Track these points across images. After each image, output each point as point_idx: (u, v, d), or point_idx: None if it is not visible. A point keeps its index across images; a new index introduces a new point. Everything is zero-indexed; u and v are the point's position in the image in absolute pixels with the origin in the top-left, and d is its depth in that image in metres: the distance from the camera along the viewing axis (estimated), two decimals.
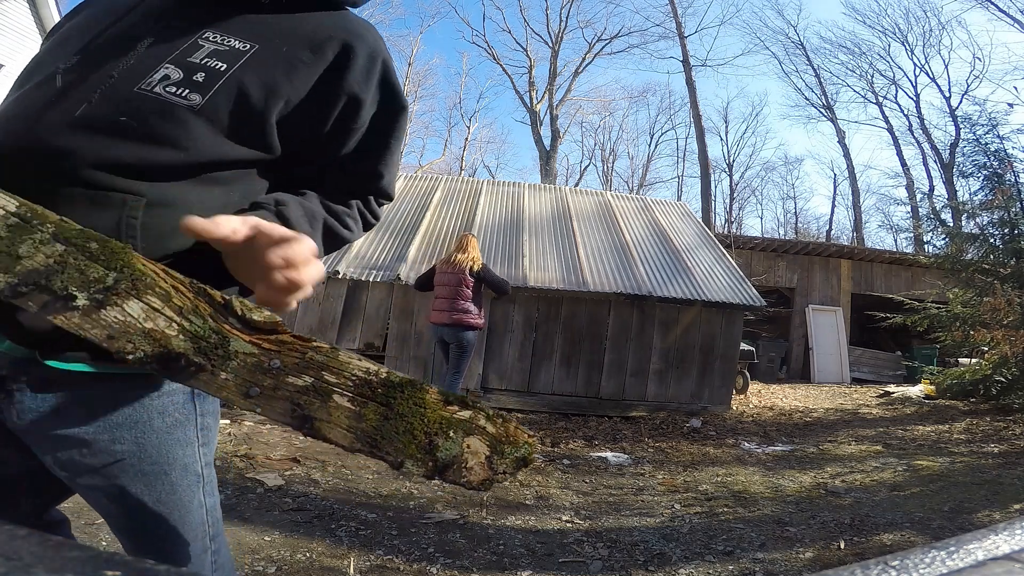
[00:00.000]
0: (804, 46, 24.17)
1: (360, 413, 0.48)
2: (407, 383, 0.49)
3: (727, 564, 2.18)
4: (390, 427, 0.48)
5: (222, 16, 0.68)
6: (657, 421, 5.51)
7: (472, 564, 2.10)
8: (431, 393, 0.49)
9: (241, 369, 0.48)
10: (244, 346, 0.48)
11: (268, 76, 0.66)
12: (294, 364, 0.48)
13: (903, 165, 22.62)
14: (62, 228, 0.48)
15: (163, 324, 0.47)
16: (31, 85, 0.65)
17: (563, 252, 6.63)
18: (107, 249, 0.48)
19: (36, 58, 0.70)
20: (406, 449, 0.48)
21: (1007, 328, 5.24)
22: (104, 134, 0.61)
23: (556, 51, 23.62)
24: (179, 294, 0.48)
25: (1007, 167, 6.33)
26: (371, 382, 0.48)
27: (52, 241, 0.47)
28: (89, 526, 2.11)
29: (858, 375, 10.69)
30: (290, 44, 0.68)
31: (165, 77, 0.62)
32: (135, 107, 0.61)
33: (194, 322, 0.48)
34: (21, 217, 0.48)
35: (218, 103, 0.64)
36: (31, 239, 0.47)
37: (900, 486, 3.25)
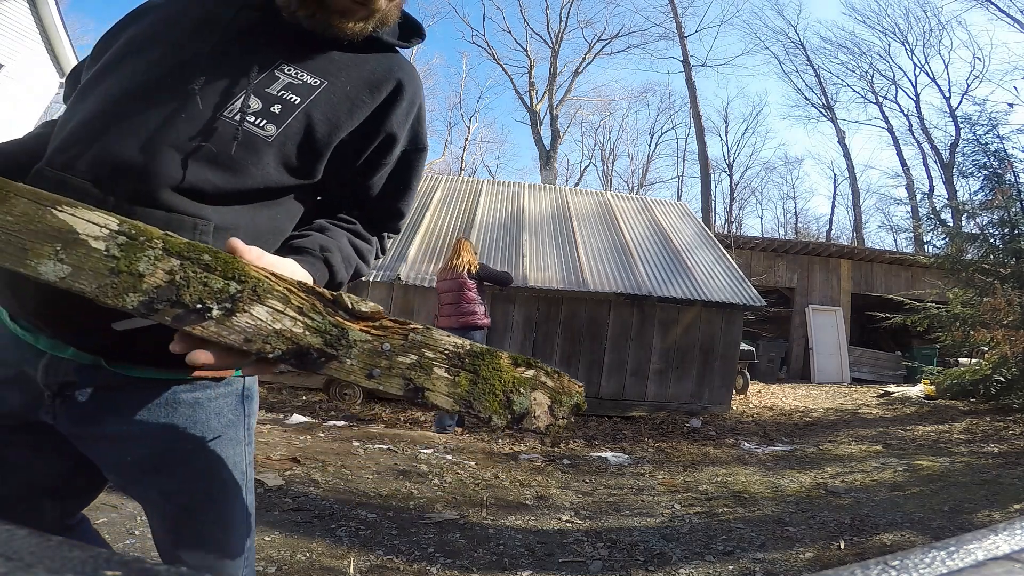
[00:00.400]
0: (804, 46, 24.17)
1: (455, 380, 0.56)
2: (486, 352, 0.57)
3: (727, 564, 2.18)
4: (478, 390, 0.56)
5: (297, 49, 0.71)
6: (657, 421, 5.51)
7: (472, 564, 2.10)
8: (504, 358, 0.57)
9: (361, 355, 0.54)
10: (359, 335, 0.54)
11: (333, 112, 0.70)
12: (400, 345, 0.55)
13: (903, 165, 22.63)
14: (170, 243, 0.52)
15: (289, 324, 0.53)
16: (111, 97, 0.66)
17: (563, 252, 6.63)
18: (220, 260, 0.52)
19: (108, 64, 0.70)
20: (491, 407, 0.56)
21: (1007, 328, 5.24)
22: (187, 158, 0.63)
23: (556, 51, 23.62)
24: (294, 295, 0.54)
25: (1007, 167, 6.33)
26: (460, 354, 0.56)
27: (166, 256, 0.51)
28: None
29: (858, 375, 10.69)
30: (353, 83, 0.72)
31: (246, 106, 0.66)
32: (218, 134, 0.64)
33: (315, 319, 0.53)
34: (127, 235, 0.51)
35: (288, 135, 0.68)
36: (145, 256, 0.51)
37: (900, 486, 3.24)
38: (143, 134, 0.63)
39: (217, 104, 0.65)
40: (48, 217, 0.50)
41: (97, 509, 2.24)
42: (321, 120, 0.69)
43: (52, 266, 0.49)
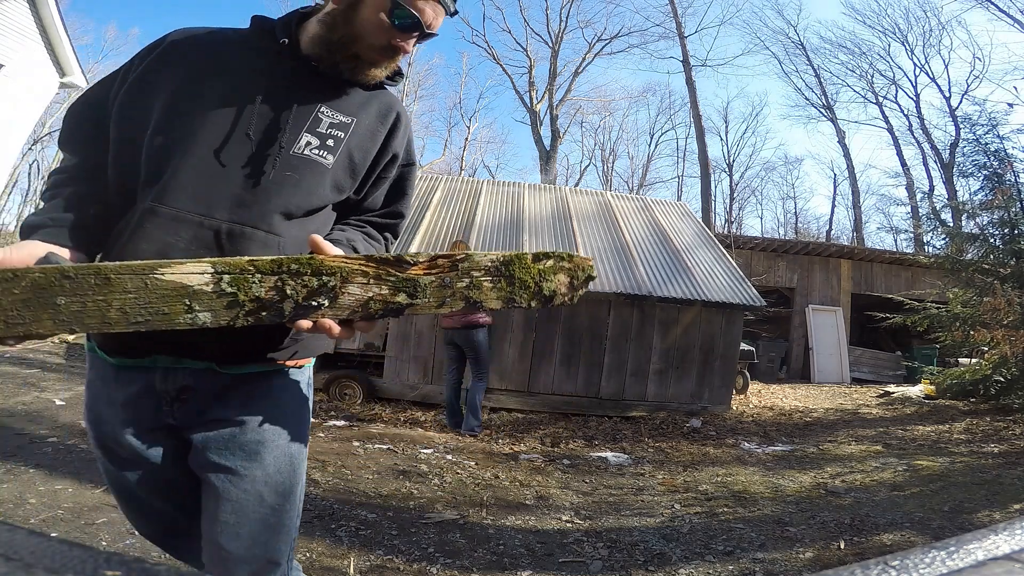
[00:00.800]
0: (804, 46, 24.18)
1: (499, 286, 0.71)
2: (515, 257, 0.71)
3: (727, 564, 2.18)
4: (516, 288, 0.71)
5: (328, 92, 0.89)
6: (657, 421, 5.51)
7: (472, 564, 2.10)
8: (528, 258, 0.71)
9: (432, 293, 0.68)
10: (426, 280, 0.67)
11: (362, 142, 0.91)
12: (455, 276, 0.68)
13: (903, 165, 22.63)
14: (260, 265, 0.64)
15: (377, 289, 0.66)
16: (199, 149, 0.81)
17: None
18: (304, 264, 0.64)
19: (171, 115, 0.83)
20: (528, 297, 0.72)
21: (1007, 328, 5.24)
22: (281, 188, 0.83)
23: (556, 51, 23.63)
24: (370, 268, 0.66)
25: (1007, 167, 6.32)
26: (496, 266, 0.70)
27: (265, 277, 0.63)
28: (89, 526, 2.11)
29: (858, 375, 10.69)
30: (370, 118, 0.92)
31: (308, 143, 0.85)
32: (295, 166, 0.84)
33: (392, 280, 0.67)
34: (228, 272, 0.63)
35: (339, 163, 0.88)
36: (253, 282, 0.63)
37: (900, 486, 3.24)
38: (244, 174, 0.81)
39: (289, 142, 0.84)
40: (159, 283, 0.60)
41: (97, 509, 2.24)
42: (357, 148, 0.90)
43: (200, 316, 0.62)
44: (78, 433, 3.30)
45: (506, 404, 5.63)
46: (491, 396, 5.55)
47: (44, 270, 0.58)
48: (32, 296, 0.57)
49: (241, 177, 0.81)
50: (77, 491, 2.40)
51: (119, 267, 0.59)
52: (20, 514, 2.12)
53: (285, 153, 0.83)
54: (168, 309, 0.61)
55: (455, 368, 4.72)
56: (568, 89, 23.95)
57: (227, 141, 0.81)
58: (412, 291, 0.67)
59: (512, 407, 5.62)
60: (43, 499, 2.28)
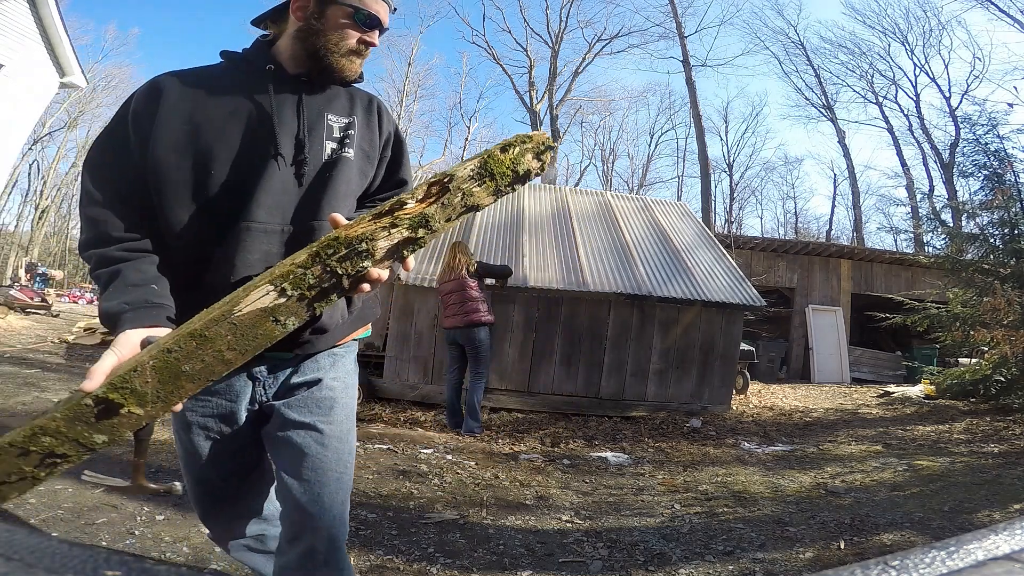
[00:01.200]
0: (804, 46, 24.19)
1: (485, 184, 0.80)
2: (487, 157, 0.80)
3: (727, 564, 2.18)
4: (498, 180, 0.81)
5: (325, 99, 1.05)
6: (657, 421, 5.51)
7: (472, 564, 2.10)
8: (496, 151, 0.81)
9: (440, 216, 0.77)
10: (429, 210, 0.77)
11: (365, 134, 1.08)
12: (447, 195, 0.78)
13: (903, 165, 22.63)
14: (300, 260, 0.73)
15: (399, 234, 0.76)
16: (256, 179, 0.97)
17: (563, 252, 6.62)
18: (333, 242, 0.73)
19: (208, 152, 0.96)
20: (510, 182, 0.82)
21: (1007, 328, 5.24)
22: (325, 188, 1.01)
23: (556, 51, 23.62)
24: (382, 220, 0.75)
25: (1007, 167, 6.32)
26: (478, 171, 0.80)
27: (311, 267, 0.72)
28: (89, 526, 2.11)
29: (858, 375, 10.68)
30: (360, 114, 1.08)
31: (332, 149, 1.03)
32: (330, 167, 1.02)
33: (405, 222, 0.76)
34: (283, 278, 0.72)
35: (357, 154, 1.06)
36: (306, 278, 0.72)
37: (900, 486, 3.24)
38: (296, 185, 0.99)
39: (318, 152, 1.01)
40: (243, 318, 0.69)
41: (97, 509, 2.24)
42: (364, 140, 1.07)
43: (288, 322, 0.72)
44: None
45: (506, 404, 5.63)
46: (491, 396, 5.55)
47: (154, 356, 0.67)
48: (163, 377, 0.66)
49: (295, 188, 0.99)
50: (77, 491, 2.40)
51: (206, 323, 0.68)
52: (20, 514, 2.12)
53: (318, 162, 1.01)
54: (263, 331, 0.70)
55: (456, 368, 4.72)
56: (568, 89, 23.96)
57: (274, 162, 0.98)
58: (425, 223, 0.77)
59: (512, 407, 5.62)
60: (43, 499, 2.28)
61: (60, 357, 6.22)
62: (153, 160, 0.94)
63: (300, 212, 0.99)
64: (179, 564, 1.91)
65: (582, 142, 40.19)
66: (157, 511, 2.29)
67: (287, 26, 1.04)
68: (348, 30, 1.01)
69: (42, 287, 14.80)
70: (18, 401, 3.93)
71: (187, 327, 0.69)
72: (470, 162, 0.80)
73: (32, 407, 3.79)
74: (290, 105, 1.01)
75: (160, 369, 0.65)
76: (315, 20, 1.00)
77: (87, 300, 17.03)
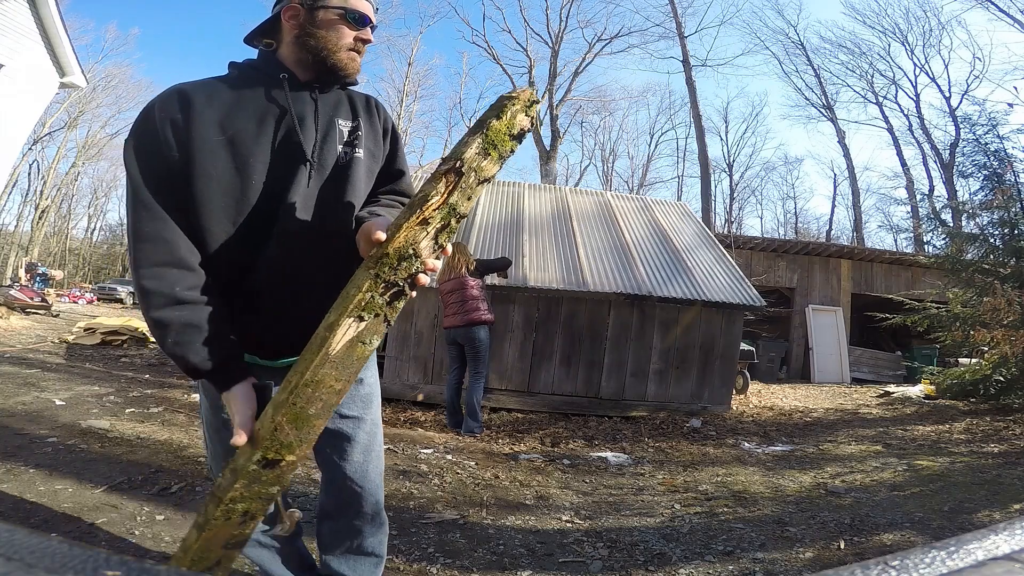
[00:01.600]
0: (804, 46, 24.20)
1: (491, 156, 0.86)
2: (488, 131, 0.86)
3: (727, 564, 2.18)
4: (500, 146, 0.87)
5: (333, 105, 1.12)
6: (657, 421, 5.50)
7: (472, 564, 2.10)
8: (491, 124, 0.86)
9: (462, 198, 0.84)
10: (454, 198, 0.83)
11: (369, 134, 1.15)
12: (464, 178, 0.84)
13: (903, 165, 22.65)
14: (367, 286, 0.81)
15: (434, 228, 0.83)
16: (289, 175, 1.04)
17: (563, 252, 6.62)
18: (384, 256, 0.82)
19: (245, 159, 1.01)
20: (511, 146, 0.89)
21: (1007, 328, 5.23)
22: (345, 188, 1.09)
23: (556, 51, 23.61)
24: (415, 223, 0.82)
25: (1007, 167, 6.32)
26: (483, 148, 0.85)
27: (376, 288, 0.81)
28: (89, 526, 2.11)
29: (858, 375, 10.69)
30: (362, 114, 1.15)
31: (345, 153, 1.10)
32: (346, 168, 1.09)
33: (437, 217, 0.83)
34: (357, 310, 0.81)
35: (365, 154, 1.13)
36: (374, 299, 0.81)
37: (900, 486, 3.24)
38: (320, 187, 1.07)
39: (334, 156, 1.08)
40: (340, 353, 0.79)
41: (97, 509, 2.24)
42: (369, 139, 1.15)
43: (374, 340, 0.83)
44: (78, 433, 3.30)
45: (506, 404, 5.63)
46: (491, 396, 5.55)
47: (283, 413, 0.78)
48: (298, 425, 0.78)
49: (320, 190, 1.06)
50: (77, 491, 2.40)
51: (312, 371, 0.78)
52: (20, 514, 2.12)
53: (336, 166, 1.08)
54: (356, 356, 0.81)
55: (456, 368, 4.72)
56: (568, 89, 23.94)
57: (303, 167, 1.04)
58: (454, 211, 0.83)
59: (512, 407, 5.62)
60: (43, 499, 2.28)
61: (60, 357, 6.22)
62: (196, 167, 0.97)
63: (330, 214, 1.07)
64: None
65: (582, 142, 40.35)
66: (157, 511, 2.29)
67: (283, 36, 1.09)
68: (343, 27, 1.07)
69: (42, 287, 14.80)
70: (18, 401, 3.92)
71: (297, 377, 0.79)
72: (472, 140, 0.85)
73: (32, 407, 3.79)
74: (308, 112, 1.07)
75: (293, 420, 0.78)
76: (309, 24, 1.06)
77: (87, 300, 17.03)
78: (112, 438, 3.29)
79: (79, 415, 3.73)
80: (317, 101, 1.08)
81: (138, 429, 3.52)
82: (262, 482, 0.76)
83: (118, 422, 3.66)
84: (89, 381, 4.98)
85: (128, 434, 3.40)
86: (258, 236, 1.02)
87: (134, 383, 5.07)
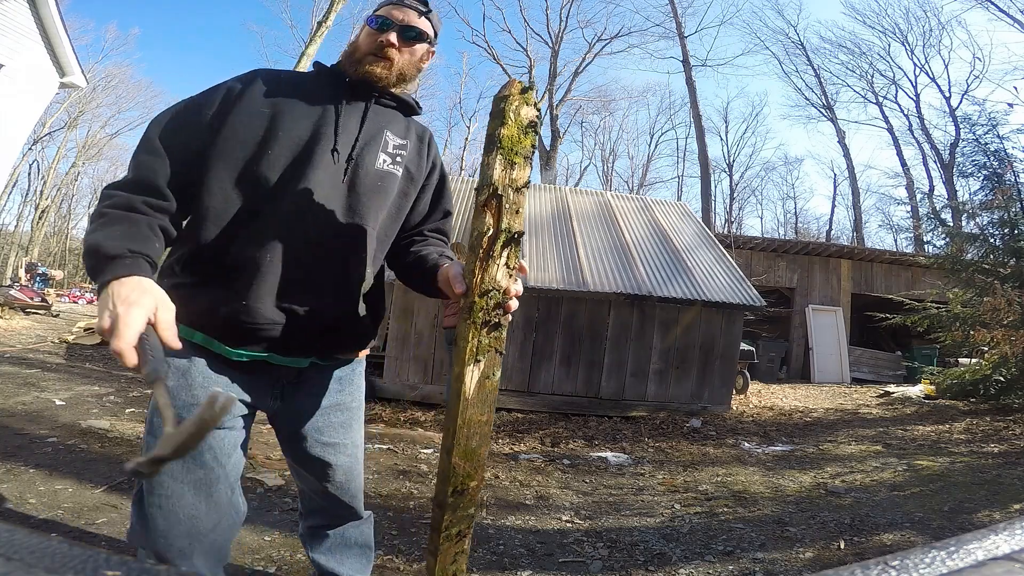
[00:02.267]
0: (804, 46, 24.17)
1: (516, 163, 0.90)
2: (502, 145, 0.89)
3: (727, 564, 2.18)
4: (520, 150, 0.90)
5: (388, 118, 1.14)
6: (657, 421, 5.51)
7: (472, 564, 2.10)
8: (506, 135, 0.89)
9: (514, 221, 0.89)
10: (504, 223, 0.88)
11: (413, 158, 1.16)
12: (504, 202, 0.88)
13: (903, 165, 22.62)
14: (467, 339, 0.90)
15: (503, 256, 0.89)
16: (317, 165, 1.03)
17: (563, 252, 6.62)
18: (474, 304, 0.90)
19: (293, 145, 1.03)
20: (530, 143, 0.92)
21: (1007, 328, 5.23)
22: (374, 194, 1.09)
23: (556, 51, 23.60)
24: (482, 260, 0.89)
25: (1007, 167, 6.33)
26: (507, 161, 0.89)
27: (480, 331, 0.91)
28: (89, 526, 2.11)
29: (858, 375, 10.68)
30: (413, 139, 1.17)
31: (384, 160, 1.10)
32: (381, 176, 1.10)
33: (497, 245, 0.88)
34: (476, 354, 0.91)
35: (403, 174, 1.14)
36: (482, 342, 0.91)
37: (900, 486, 3.24)
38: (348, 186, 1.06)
39: (372, 161, 1.09)
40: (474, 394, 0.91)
41: (97, 509, 2.24)
42: (411, 163, 1.15)
43: (497, 372, 0.95)
44: (78, 433, 3.30)
45: (506, 404, 5.63)
46: None
47: (456, 452, 0.93)
48: (468, 458, 0.94)
49: (342, 188, 1.05)
50: (77, 491, 2.40)
51: (461, 415, 0.90)
52: (20, 514, 2.12)
53: (372, 168, 1.08)
54: (488, 388, 0.92)
55: None
56: (568, 89, 23.93)
57: (329, 157, 1.04)
58: (511, 232, 0.89)
59: (512, 407, 5.62)
60: (43, 499, 2.28)
61: (60, 357, 6.22)
62: (226, 124, 1.00)
63: (349, 212, 1.05)
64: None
65: (582, 142, 40.34)
66: None
67: None
68: (371, 33, 1.11)
69: (42, 287, 14.80)
70: (18, 401, 3.93)
71: (452, 424, 0.91)
72: (493, 160, 0.89)
73: (32, 407, 3.79)
74: (357, 113, 1.10)
75: (463, 456, 0.93)
76: (355, 40, 1.14)
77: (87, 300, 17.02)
78: (112, 438, 3.29)
79: (79, 415, 3.73)
80: (369, 109, 1.11)
81: (138, 429, 3.52)
82: (461, 507, 0.95)
83: (118, 422, 3.66)
84: (89, 381, 4.98)
85: (128, 434, 3.40)
86: (261, 210, 0.99)
87: (134, 383, 5.07)
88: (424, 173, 1.19)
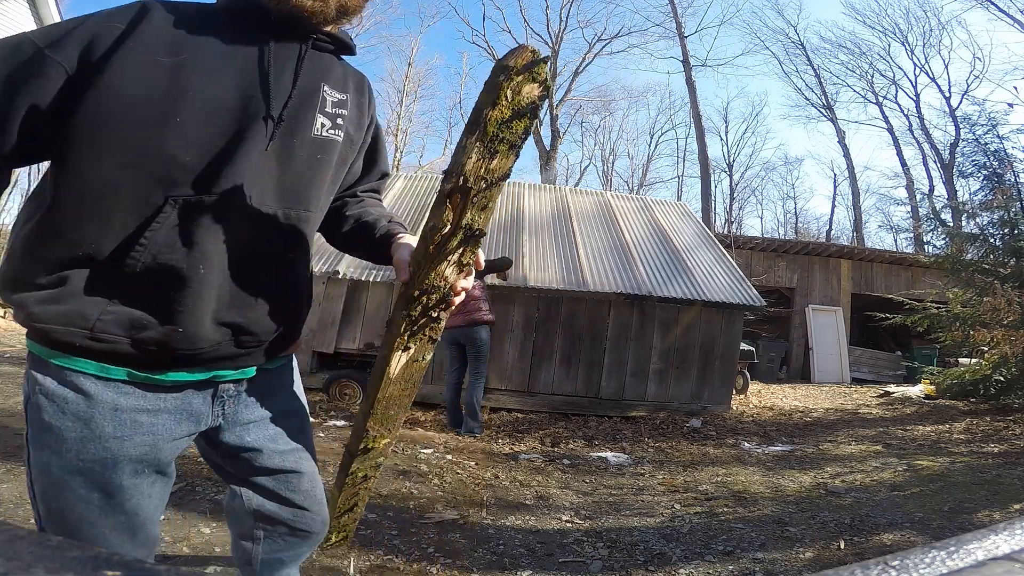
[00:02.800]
0: (804, 46, 24.17)
1: (498, 152, 0.77)
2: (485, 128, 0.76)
3: (727, 564, 2.18)
4: (509, 136, 0.77)
5: (324, 67, 0.91)
6: (657, 421, 5.51)
7: (472, 564, 2.10)
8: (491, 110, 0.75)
9: (479, 217, 0.80)
10: (465, 219, 0.79)
11: (353, 117, 0.96)
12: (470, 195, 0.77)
13: (903, 165, 22.62)
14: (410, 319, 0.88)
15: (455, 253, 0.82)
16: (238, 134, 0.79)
17: (563, 252, 6.62)
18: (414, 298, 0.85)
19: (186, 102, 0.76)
20: (523, 126, 0.77)
21: (1007, 328, 5.23)
22: (314, 171, 0.89)
23: (556, 51, 23.59)
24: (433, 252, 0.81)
25: (1007, 167, 6.33)
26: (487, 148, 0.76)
27: (419, 324, 0.88)
28: None
29: (858, 375, 10.69)
30: (353, 91, 0.96)
31: (323, 125, 0.89)
32: (320, 147, 0.89)
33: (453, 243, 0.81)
34: (407, 341, 0.90)
35: (344, 139, 0.94)
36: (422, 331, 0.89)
37: (900, 486, 3.24)
38: (280, 160, 0.85)
39: (310, 125, 0.87)
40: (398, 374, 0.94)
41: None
42: (351, 123, 0.95)
43: (427, 354, 0.94)
44: None
45: (506, 404, 5.63)
46: (491, 396, 5.55)
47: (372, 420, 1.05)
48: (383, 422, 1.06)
49: (275, 162, 0.83)
50: None
51: (382, 389, 0.95)
52: (20, 514, 2.12)
53: (308, 137, 0.86)
54: (414, 371, 0.94)
55: (457, 368, 4.72)
56: (568, 89, 23.93)
57: (262, 124, 0.80)
58: (471, 230, 0.80)
59: (512, 407, 5.62)
60: None
61: None
62: (100, 81, 0.72)
63: (285, 196, 0.84)
64: (179, 565, 1.92)
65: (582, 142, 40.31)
66: None
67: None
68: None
69: None
70: (18, 401, 3.92)
71: (374, 393, 0.95)
72: (471, 144, 0.74)
73: None
74: (289, 62, 0.84)
75: (379, 421, 1.00)
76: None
77: None
78: None
79: None
80: (304, 56, 0.85)
81: None
82: (370, 457, 1.07)
83: None
84: None
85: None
86: (172, 202, 0.75)
87: None
88: (363, 132, 1.00)
